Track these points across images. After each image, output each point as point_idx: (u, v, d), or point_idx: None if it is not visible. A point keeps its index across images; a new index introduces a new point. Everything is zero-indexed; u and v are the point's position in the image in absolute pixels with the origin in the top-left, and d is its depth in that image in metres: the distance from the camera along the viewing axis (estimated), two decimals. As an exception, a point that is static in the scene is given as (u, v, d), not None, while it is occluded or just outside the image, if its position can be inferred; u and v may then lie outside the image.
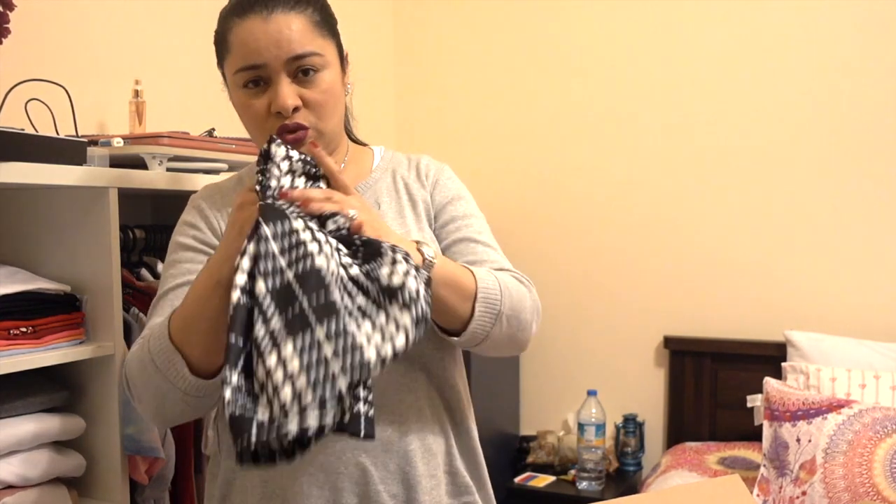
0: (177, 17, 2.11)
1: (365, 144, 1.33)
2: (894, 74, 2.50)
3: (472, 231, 1.24)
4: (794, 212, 2.64)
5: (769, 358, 2.57)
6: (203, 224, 1.21)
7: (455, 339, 1.12)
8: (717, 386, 2.71)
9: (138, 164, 1.57)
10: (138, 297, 1.59)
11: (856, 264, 2.57)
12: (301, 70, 1.12)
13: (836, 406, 2.11)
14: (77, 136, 1.47)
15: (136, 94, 1.81)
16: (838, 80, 2.57)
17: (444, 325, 1.11)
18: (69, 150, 1.39)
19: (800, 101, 2.62)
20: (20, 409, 1.37)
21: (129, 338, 1.50)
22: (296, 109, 1.12)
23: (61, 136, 1.42)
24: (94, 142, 1.54)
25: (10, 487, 1.34)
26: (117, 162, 1.54)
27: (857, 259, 2.57)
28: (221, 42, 1.16)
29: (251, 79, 1.12)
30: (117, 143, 1.56)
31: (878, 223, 2.55)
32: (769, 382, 2.28)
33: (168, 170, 1.60)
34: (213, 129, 1.82)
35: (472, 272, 1.11)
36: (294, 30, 1.11)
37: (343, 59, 1.21)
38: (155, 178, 1.56)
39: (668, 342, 2.79)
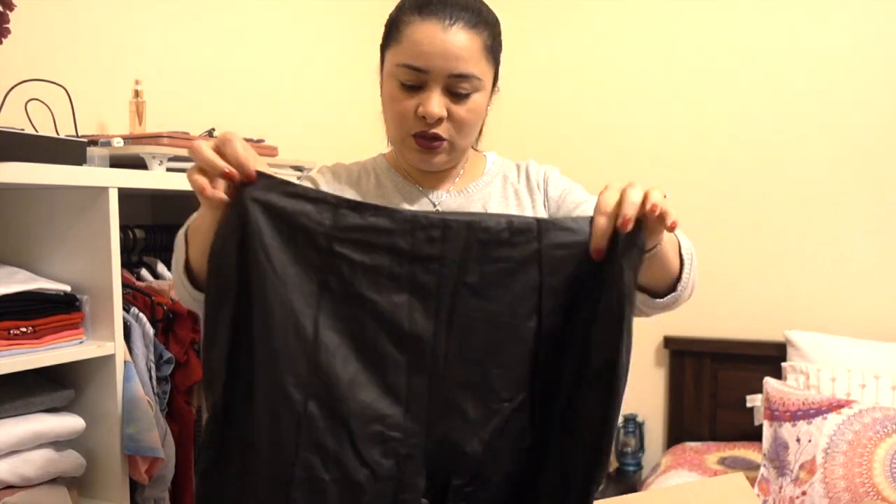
0: (177, 17, 2.11)
1: (478, 151, 1.38)
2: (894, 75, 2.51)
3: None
4: (794, 212, 2.64)
5: (769, 358, 2.57)
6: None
7: (661, 300, 1.15)
8: (717, 386, 2.71)
9: (138, 164, 1.57)
10: (138, 297, 1.59)
11: (856, 264, 2.57)
12: (457, 87, 1.15)
13: (836, 406, 2.11)
14: (77, 136, 1.47)
15: (136, 94, 1.81)
16: (839, 81, 2.57)
17: (661, 282, 1.12)
18: (69, 150, 1.39)
19: (799, 103, 2.62)
20: (20, 409, 1.37)
21: (129, 338, 1.50)
22: (439, 120, 1.16)
23: (61, 136, 1.42)
24: (94, 142, 1.54)
25: (10, 487, 1.34)
26: (117, 162, 1.53)
27: (857, 259, 2.57)
28: (393, 28, 1.19)
29: (410, 79, 1.15)
30: (117, 143, 1.56)
31: (879, 223, 2.54)
32: (769, 382, 2.28)
33: (168, 170, 1.60)
34: (213, 129, 1.82)
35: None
36: (467, 48, 1.14)
37: (495, 85, 1.24)
38: (155, 178, 1.56)
39: (668, 342, 2.79)
